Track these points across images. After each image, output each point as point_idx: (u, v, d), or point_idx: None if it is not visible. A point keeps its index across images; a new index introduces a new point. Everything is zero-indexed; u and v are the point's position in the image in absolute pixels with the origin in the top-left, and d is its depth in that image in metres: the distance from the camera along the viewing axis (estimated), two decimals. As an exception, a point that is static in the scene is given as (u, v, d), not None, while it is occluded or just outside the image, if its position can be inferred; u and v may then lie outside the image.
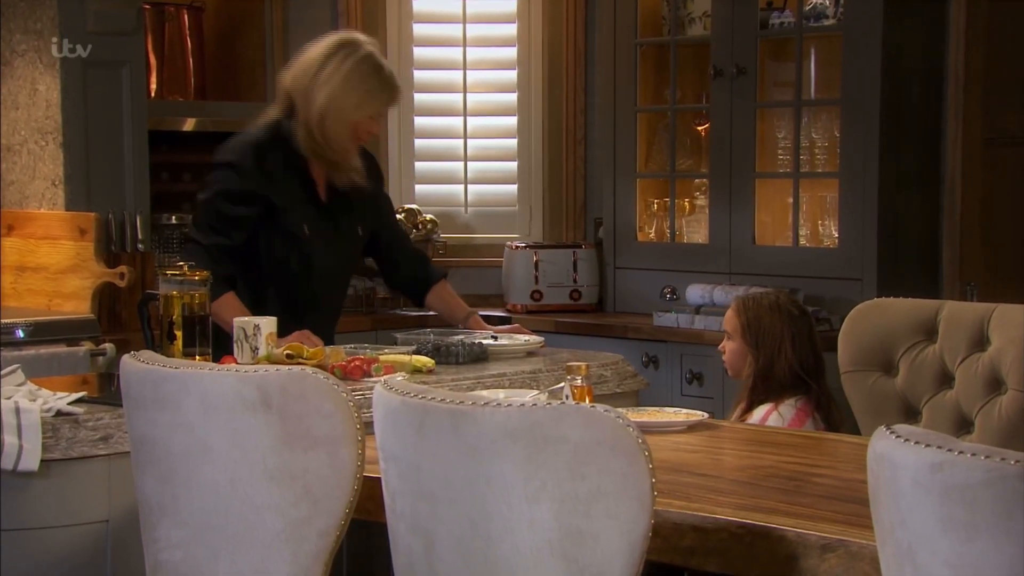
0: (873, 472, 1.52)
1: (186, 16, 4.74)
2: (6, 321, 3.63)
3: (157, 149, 4.54)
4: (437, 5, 5.01)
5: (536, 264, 4.78)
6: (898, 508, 1.47)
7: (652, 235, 4.77)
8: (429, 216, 4.81)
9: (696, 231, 4.67)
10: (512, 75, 5.00)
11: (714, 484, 2.22)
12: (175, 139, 4.65)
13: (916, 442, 1.45)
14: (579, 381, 2.56)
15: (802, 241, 4.40)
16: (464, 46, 5.00)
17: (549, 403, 1.68)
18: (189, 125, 4.69)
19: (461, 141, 5.02)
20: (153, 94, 4.66)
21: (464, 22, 5.00)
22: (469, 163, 5.02)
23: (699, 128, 4.72)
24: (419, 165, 5.02)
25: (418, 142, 5.01)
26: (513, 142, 5.02)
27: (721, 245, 4.52)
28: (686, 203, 4.72)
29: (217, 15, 4.91)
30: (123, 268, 3.88)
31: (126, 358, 2.04)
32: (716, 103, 4.51)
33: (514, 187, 5.03)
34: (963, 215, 3.86)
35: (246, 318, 2.83)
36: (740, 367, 3.04)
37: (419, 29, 5.00)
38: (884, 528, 1.51)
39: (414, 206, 4.83)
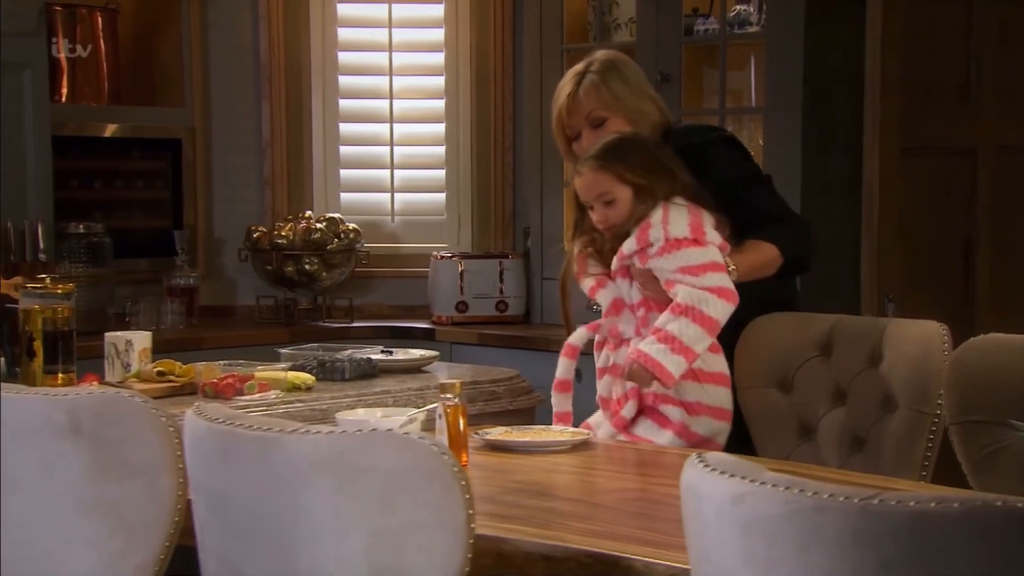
0: (683, 504, 1.43)
1: (100, 18, 4.63)
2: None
3: (68, 155, 4.44)
4: (362, 10, 4.92)
5: (461, 274, 4.68)
6: (703, 543, 1.38)
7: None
8: (352, 225, 4.71)
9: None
10: (440, 81, 4.91)
11: (576, 509, 2.13)
12: (88, 144, 4.54)
13: (721, 472, 1.36)
14: (453, 400, 2.47)
15: (728, 250, 4.32)
16: (390, 51, 4.91)
17: (359, 430, 1.59)
18: (102, 130, 4.59)
19: (388, 148, 4.92)
20: (64, 98, 4.55)
21: (390, 26, 4.90)
22: (396, 171, 4.93)
23: (625, 136, 4.64)
24: (344, 173, 4.92)
25: (343, 149, 4.91)
26: (441, 150, 4.93)
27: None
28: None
29: (133, 17, 4.81)
30: (19, 279, 3.76)
31: None
32: (641, 110, 4.43)
33: (442, 196, 4.94)
34: (881, 225, 3.79)
35: (118, 333, 2.73)
36: (636, 212, 2.62)
37: (344, 34, 4.90)
38: (694, 563, 1.43)
39: (335, 215, 4.73)
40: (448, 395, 2.47)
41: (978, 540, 1.21)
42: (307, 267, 4.59)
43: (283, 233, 4.60)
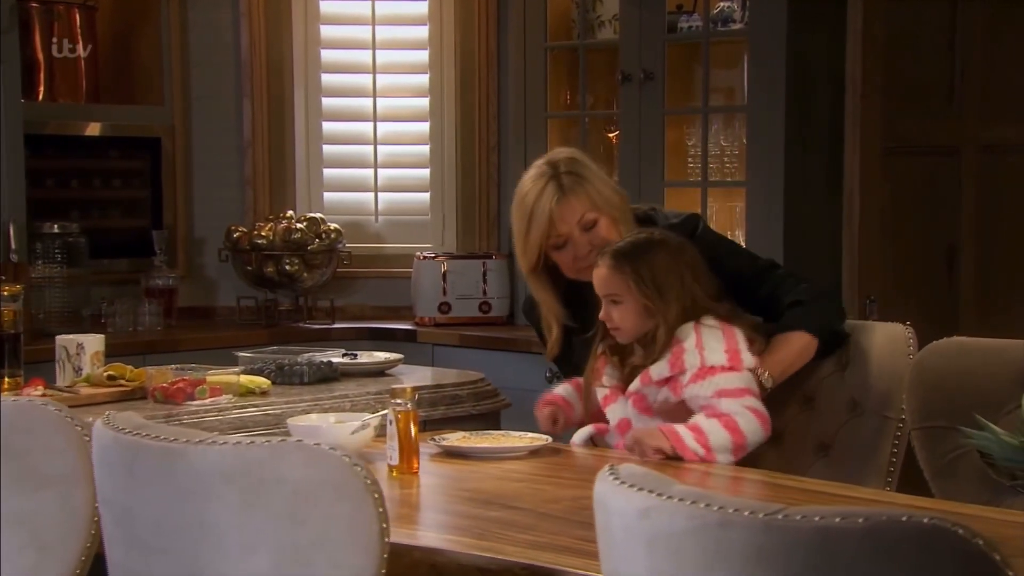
0: (595, 517, 1.38)
1: (77, 15, 4.58)
2: None
3: (45, 154, 4.40)
4: (345, 7, 4.87)
5: (444, 275, 4.63)
6: (612, 557, 1.33)
7: (563, 245, 4.62)
8: (333, 225, 4.66)
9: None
10: (424, 79, 4.86)
11: (519, 519, 2.07)
12: (66, 144, 4.51)
13: (630, 485, 1.30)
14: (404, 405, 2.41)
15: (712, 252, 4.26)
16: (374, 49, 4.85)
17: (268, 440, 1.54)
18: (81, 129, 4.55)
19: (371, 147, 4.87)
20: (42, 97, 4.51)
21: (373, 24, 4.85)
22: (380, 170, 4.88)
23: (611, 135, 4.58)
24: (327, 172, 4.87)
25: (326, 148, 4.86)
26: (425, 149, 4.87)
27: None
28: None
29: (111, 15, 4.76)
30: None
31: None
32: (624, 109, 4.38)
33: (426, 195, 4.88)
34: (862, 226, 3.72)
35: (69, 336, 2.69)
36: (642, 326, 2.56)
37: (326, 31, 4.85)
38: (604, 581, 1.37)
39: (317, 215, 4.68)
40: (399, 400, 2.41)
41: (884, 557, 1.15)
42: (288, 268, 4.54)
43: (263, 233, 4.55)
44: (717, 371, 2.52)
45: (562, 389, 2.75)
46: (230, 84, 4.76)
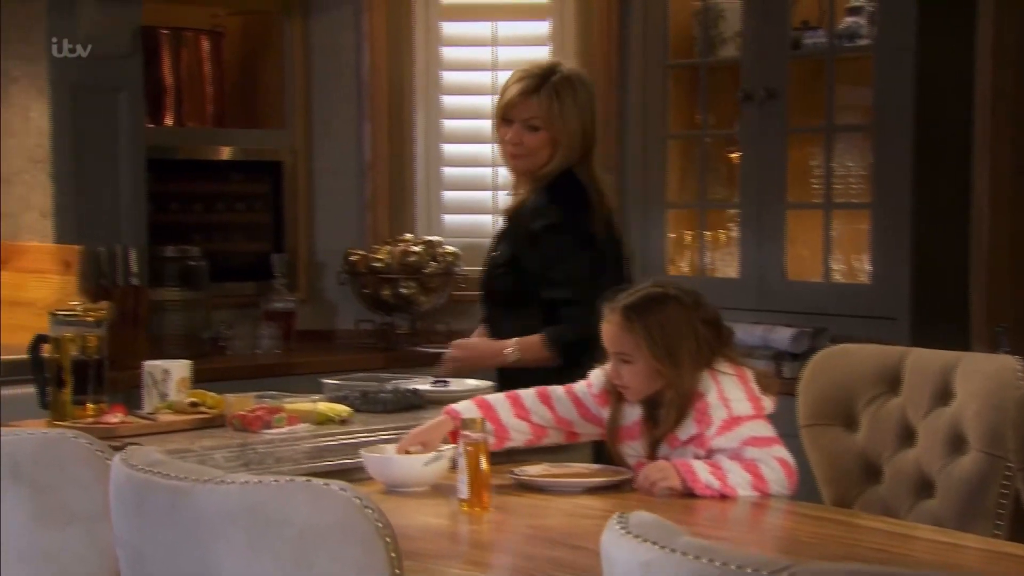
0: (602, 567, 1.29)
1: (205, 41, 4.66)
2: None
3: (171, 179, 4.48)
4: (466, 29, 4.84)
5: (562, 298, 4.54)
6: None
7: (685, 268, 4.50)
8: (450, 248, 4.63)
9: (730, 264, 4.39)
10: (544, 100, 4.79)
11: (581, 560, 1.96)
12: (191, 168, 4.58)
13: (635, 535, 1.21)
14: (475, 437, 2.34)
15: (836, 277, 4.07)
16: (494, 70, 4.82)
17: (275, 480, 1.48)
18: (206, 153, 4.62)
19: (491, 170, 4.83)
20: (169, 121, 4.60)
21: (494, 45, 4.82)
22: (499, 192, 4.83)
23: (732, 155, 4.45)
24: (447, 195, 4.85)
25: (446, 170, 4.84)
26: (545, 170, 4.80)
27: (751, 280, 4.24)
28: (720, 235, 4.44)
29: (237, 40, 4.83)
30: (105, 304, 3.78)
31: None
32: (746, 128, 4.24)
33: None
34: (991, 251, 3.51)
35: (156, 362, 2.69)
36: (650, 387, 2.48)
37: (448, 53, 4.83)
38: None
39: (434, 238, 4.65)
40: (469, 431, 2.35)
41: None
42: (404, 291, 4.53)
43: (380, 256, 4.55)
44: (744, 421, 2.42)
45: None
46: (351, 107, 4.78)
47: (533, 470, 2.53)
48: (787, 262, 4.16)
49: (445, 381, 3.03)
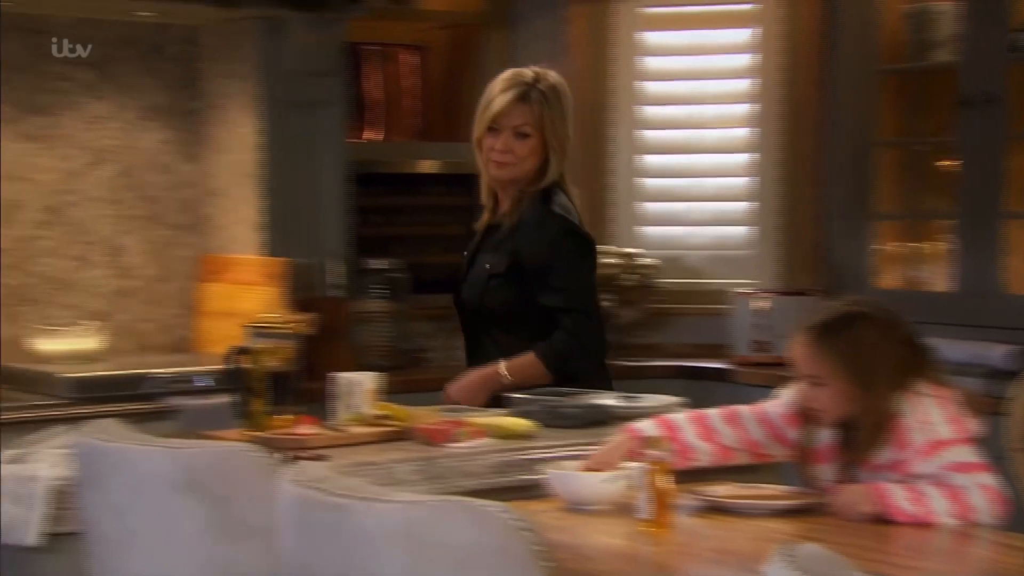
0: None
1: (410, 56, 4.74)
2: (187, 370, 3.70)
3: (375, 191, 4.56)
4: (669, 38, 4.78)
5: (764, 312, 4.43)
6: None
7: (892, 281, 4.33)
8: (648, 260, 4.57)
9: (940, 277, 4.20)
10: (746, 109, 4.69)
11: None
12: (395, 181, 4.65)
13: (800, 569, 1.14)
14: (657, 455, 2.28)
15: (1056, 291, 3.86)
16: (695, 80, 4.74)
17: (434, 499, 1.46)
18: (412, 167, 4.69)
19: (691, 180, 4.76)
20: (377, 136, 4.69)
21: (695, 55, 4.74)
22: (699, 204, 4.75)
23: (942, 163, 4.25)
24: (647, 206, 4.79)
25: (644, 181, 4.79)
26: (747, 181, 4.70)
27: (964, 294, 4.04)
28: (930, 247, 4.26)
29: (441, 54, 4.89)
30: (310, 315, 3.87)
31: (85, 429, 1.95)
32: (962, 135, 4.05)
33: (748, 229, 4.71)
34: None
35: (346, 373, 2.73)
36: (844, 410, 2.35)
37: (648, 63, 4.78)
38: None
39: (631, 250, 4.60)
40: (651, 449, 2.29)
41: None
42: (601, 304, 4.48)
43: (577, 268, 4.52)
44: (946, 445, 2.28)
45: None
46: (557, 118, 4.76)
47: (719, 490, 2.45)
48: (1004, 275, 3.96)
49: (635, 396, 2.98)
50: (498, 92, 3.02)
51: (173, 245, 4.28)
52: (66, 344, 3.90)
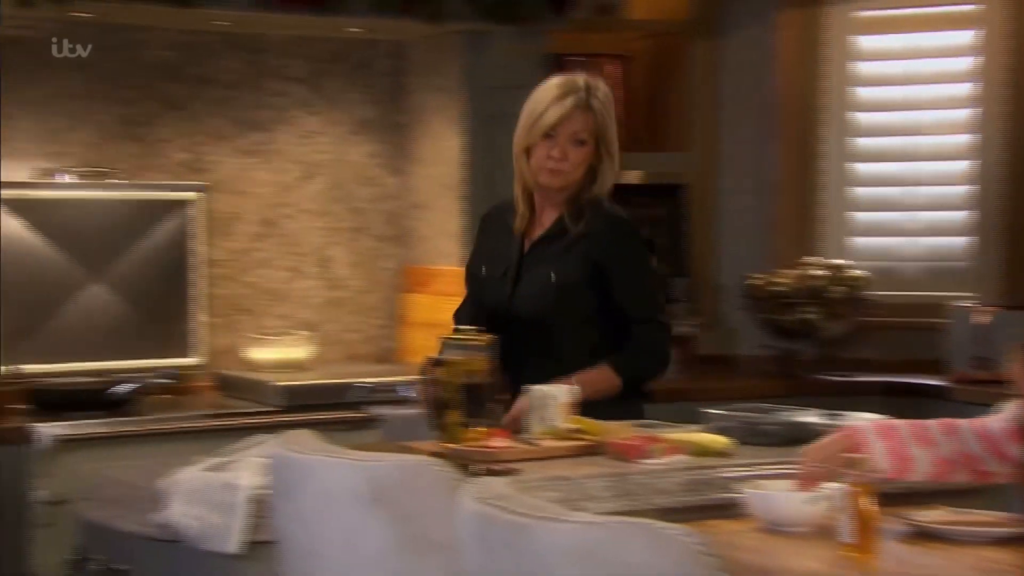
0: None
1: (614, 67, 4.71)
2: (390, 380, 3.75)
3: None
4: (884, 42, 4.61)
5: (984, 327, 4.22)
6: None
7: None
8: (857, 272, 4.42)
9: None
10: (965, 115, 4.49)
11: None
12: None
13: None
14: (858, 477, 2.18)
15: None
16: (911, 85, 4.57)
17: (613, 520, 1.41)
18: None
19: (904, 189, 4.58)
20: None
21: (912, 59, 4.57)
22: (914, 213, 4.57)
23: None
24: (857, 216, 4.64)
25: (855, 190, 4.64)
26: (966, 189, 4.50)
27: None
28: None
29: (646, 63, 4.84)
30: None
31: (279, 439, 1.97)
32: None
33: (964, 240, 4.50)
34: None
35: (540, 386, 2.71)
36: None
37: (862, 68, 4.62)
38: None
39: (839, 261, 4.45)
40: (854, 469, 2.19)
41: None
42: (806, 316, 4.36)
43: (782, 280, 4.40)
44: None
45: None
46: (758, 127, 4.67)
47: (929, 515, 2.33)
48: None
49: (838, 414, 2.86)
50: (553, 99, 2.95)
51: (378, 256, 4.36)
52: (278, 353, 4.01)
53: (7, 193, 3.80)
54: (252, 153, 4.22)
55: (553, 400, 2.69)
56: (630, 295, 2.93)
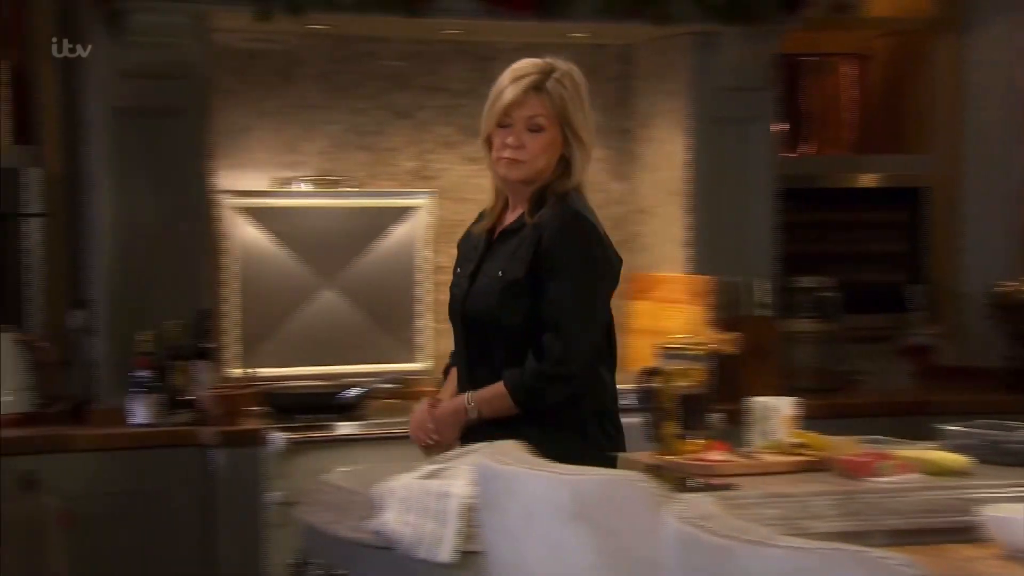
0: None
1: (850, 66, 4.55)
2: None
3: (806, 207, 4.41)
4: None
5: None
6: None
7: None
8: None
9: None
10: None
11: None
12: (828, 196, 4.48)
13: None
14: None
15: None
16: None
17: (823, 547, 1.32)
18: (845, 181, 4.50)
19: None
20: (812, 149, 4.53)
21: None
22: None
23: None
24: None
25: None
26: None
27: None
28: None
29: (884, 62, 4.65)
30: (736, 335, 3.79)
31: (486, 449, 1.94)
32: None
33: None
34: None
35: (762, 398, 2.61)
36: None
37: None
38: None
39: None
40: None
41: None
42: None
43: (1029, 289, 4.16)
44: None
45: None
46: (1006, 127, 4.42)
47: None
48: None
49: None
50: (508, 83, 2.63)
51: (604, 263, 4.32)
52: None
53: (248, 202, 3.94)
54: (478, 160, 4.25)
55: (775, 412, 2.59)
56: (547, 296, 2.56)
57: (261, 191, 4.00)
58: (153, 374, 3.56)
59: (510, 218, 2.70)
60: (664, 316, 4.06)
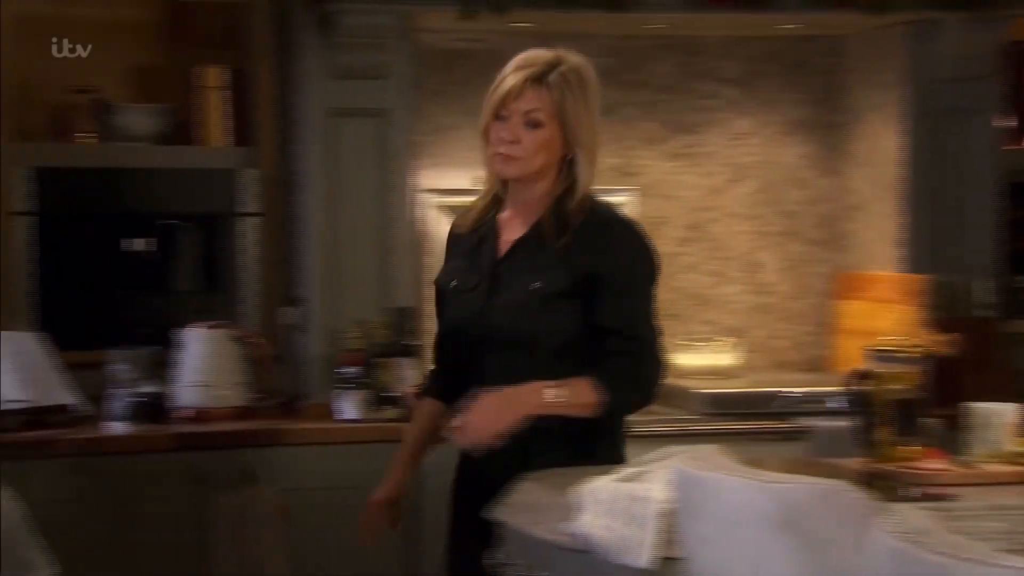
0: None
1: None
2: (819, 390, 3.60)
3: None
4: None
5: None
6: None
7: None
8: None
9: None
10: None
11: None
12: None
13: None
14: None
15: None
16: None
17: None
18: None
19: None
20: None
21: None
22: None
23: None
24: None
25: None
26: None
27: None
28: None
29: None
30: (952, 337, 3.61)
31: (684, 455, 1.87)
32: None
33: None
34: None
35: (982, 404, 2.47)
36: None
37: None
38: None
39: None
40: None
41: None
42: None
43: None
44: None
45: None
46: None
47: None
48: None
49: None
50: (509, 72, 2.45)
51: (809, 261, 4.20)
52: (703, 359, 3.95)
53: (450, 200, 3.96)
54: (681, 156, 4.19)
55: (998, 418, 2.45)
56: (618, 307, 2.41)
57: (463, 189, 4.02)
58: (360, 371, 3.61)
59: (512, 222, 2.52)
60: (875, 317, 3.91)
